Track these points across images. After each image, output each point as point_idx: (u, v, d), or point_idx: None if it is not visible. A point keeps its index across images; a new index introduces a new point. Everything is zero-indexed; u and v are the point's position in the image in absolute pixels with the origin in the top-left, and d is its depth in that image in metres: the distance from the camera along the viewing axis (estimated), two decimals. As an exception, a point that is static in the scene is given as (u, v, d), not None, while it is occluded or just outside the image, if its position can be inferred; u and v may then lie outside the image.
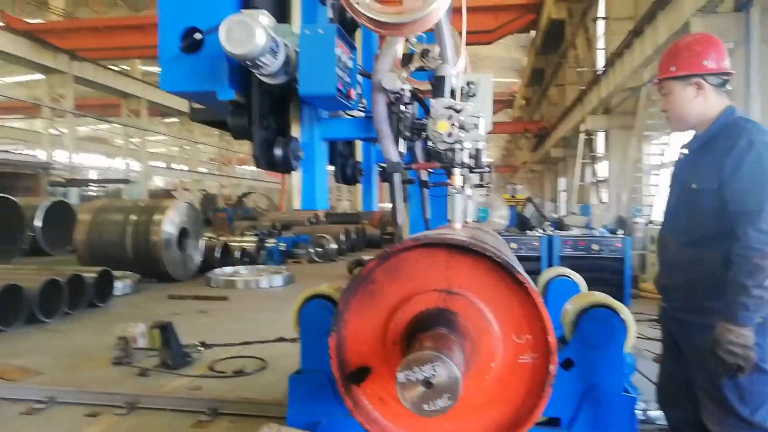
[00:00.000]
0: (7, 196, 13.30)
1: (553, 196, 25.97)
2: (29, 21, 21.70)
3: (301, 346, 2.57)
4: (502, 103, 36.79)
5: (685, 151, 2.44)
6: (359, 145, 2.87)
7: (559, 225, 17.88)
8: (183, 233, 10.74)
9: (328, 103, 1.94)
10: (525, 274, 1.78)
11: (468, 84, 2.19)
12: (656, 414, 3.46)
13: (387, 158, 2.03)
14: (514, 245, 4.87)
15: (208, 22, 1.85)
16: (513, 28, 22.73)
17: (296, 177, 2.11)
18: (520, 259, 4.84)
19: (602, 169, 17.34)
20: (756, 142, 2.09)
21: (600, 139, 17.21)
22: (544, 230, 14.98)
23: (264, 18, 1.71)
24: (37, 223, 14.58)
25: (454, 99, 2.09)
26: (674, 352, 2.46)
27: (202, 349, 5.53)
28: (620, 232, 5.07)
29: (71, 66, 21.90)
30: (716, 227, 2.16)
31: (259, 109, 1.92)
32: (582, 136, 16.96)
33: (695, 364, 2.30)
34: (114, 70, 25.16)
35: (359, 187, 3.00)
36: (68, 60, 21.67)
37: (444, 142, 1.99)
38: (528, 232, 5.90)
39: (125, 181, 25.75)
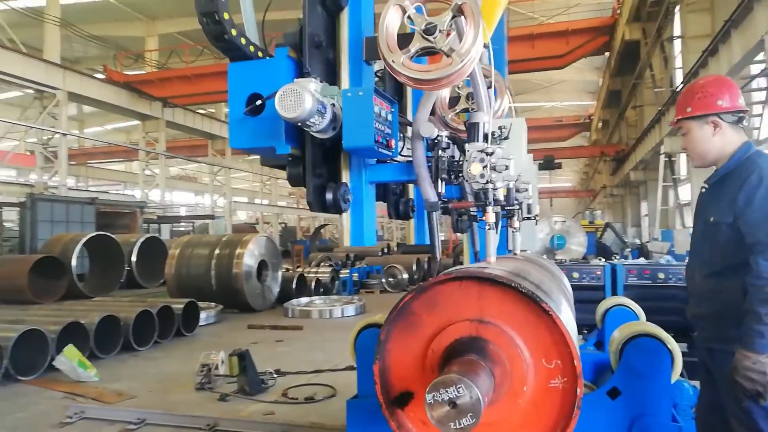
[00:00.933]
0: (107, 233, 14.53)
1: (636, 221, 24.97)
2: (128, 73, 23.89)
3: (357, 373, 2.77)
4: (578, 126, 36.03)
5: (706, 186, 2.51)
6: (411, 184, 3.10)
7: (640, 251, 17.17)
8: (262, 265, 11.33)
9: (369, 153, 2.18)
10: (552, 303, 1.91)
11: (500, 128, 2.36)
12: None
13: (425, 198, 2.24)
14: (576, 275, 4.87)
15: (268, 90, 2.15)
16: (585, 52, 22.45)
17: (346, 218, 2.35)
18: (582, 288, 4.85)
19: (685, 192, 16.60)
20: (765, 176, 2.15)
21: (682, 161, 16.52)
22: (626, 257, 14.45)
23: (313, 84, 1.99)
24: (133, 258, 15.76)
25: (487, 142, 2.28)
26: (708, 381, 2.50)
27: (276, 376, 5.85)
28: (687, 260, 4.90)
29: (164, 112, 23.82)
30: (735, 258, 2.23)
31: (312, 161, 2.19)
32: (662, 159, 16.37)
33: (726, 391, 2.32)
34: (201, 114, 27.06)
35: (413, 222, 3.22)
36: (161, 107, 23.59)
37: (477, 182, 2.17)
38: (592, 261, 5.83)
39: (211, 217, 27.32)
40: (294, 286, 12.24)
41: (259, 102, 2.10)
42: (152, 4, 25.10)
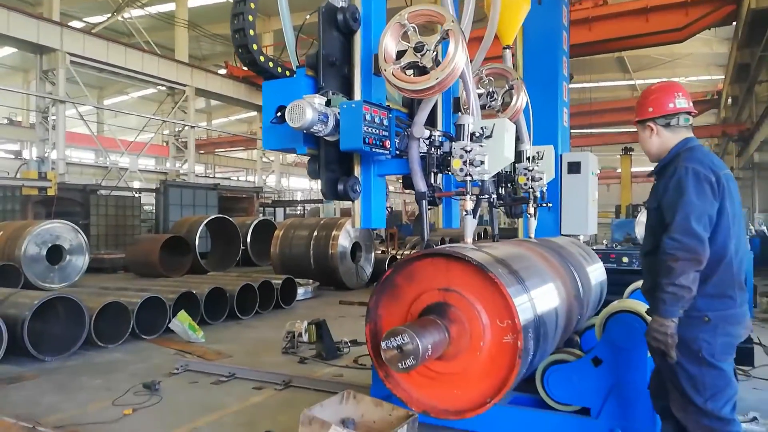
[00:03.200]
0: (225, 216, 16.12)
1: (765, 206, 22.88)
2: (246, 68, 25.87)
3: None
4: (705, 103, 33.23)
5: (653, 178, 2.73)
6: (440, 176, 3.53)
7: (763, 238, 15.87)
8: (356, 247, 12.13)
9: (365, 152, 2.66)
10: (503, 276, 2.30)
11: (482, 128, 2.73)
12: (749, 427, 3.46)
13: (416, 189, 2.68)
14: (626, 259, 4.98)
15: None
16: (708, 23, 20.73)
17: (357, 204, 2.85)
18: (629, 272, 4.94)
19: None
20: (680, 168, 2.35)
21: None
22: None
23: (317, 99, 2.50)
24: (248, 238, 17.31)
25: (472, 141, 2.67)
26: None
27: (351, 346, 6.51)
28: None
29: (278, 103, 25.51)
30: (660, 239, 2.43)
31: (325, 159, 2.72)
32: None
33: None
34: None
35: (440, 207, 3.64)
36: (275, 98, 25.28)
37: (458, 175, 2.58)
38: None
39: (321, 201, 28.90)
40: (386, 266, 12.94)
41: (279, 114, 2.65)
42: (268, 2, 26.79)
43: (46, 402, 4.94)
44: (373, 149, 2.53)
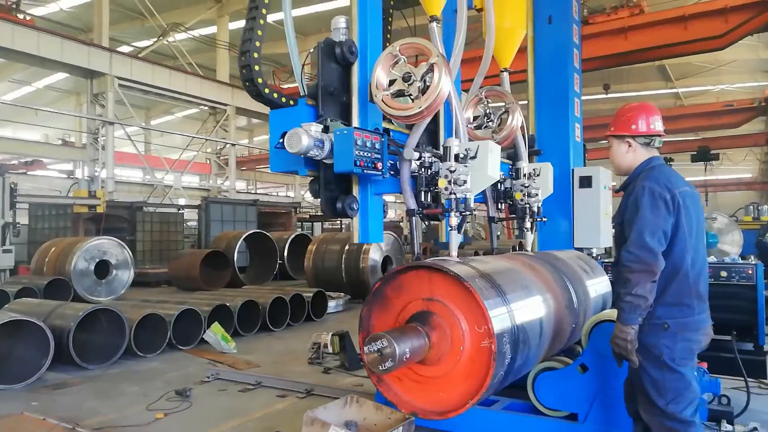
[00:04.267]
0: (262, 231, 16.62)
1: (814, 216, 21.95)
2: (284, 86, 26.61)
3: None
4: (752, 110, 32.18)
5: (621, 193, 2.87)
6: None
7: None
8: (387, 260, 12.36)
9: (358, 174, 2.89)
10: (480, 286, 2.49)
11: (467, 150, 2.93)
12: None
13: (407, 206, 2.90)
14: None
15: (294, 128, 2.95)
16: (749, 29, 20.19)
17: (355, 221, 3.09)
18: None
19: None
20: (638, 186, 2.50)
21: None
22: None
23: (314, 126, 2.76)
24: (285, 253, 17.75)
25: (458, 161, 2.87)
26: None
27: (374, 356, 6.71)
28: (752, 258, 4.75)
29: (314, 120, 26.10)
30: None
31: (324, 180, 2.97)
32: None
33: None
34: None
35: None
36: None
37: (444, 193, 2.79)
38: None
39: (358, 215, 29.27)
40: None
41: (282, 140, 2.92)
42: (304, 22, 27.59)
43: (87, 406, 5.33)
44: (365, 171, 2.76)
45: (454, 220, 2.84)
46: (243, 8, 24.43)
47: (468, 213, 2.95)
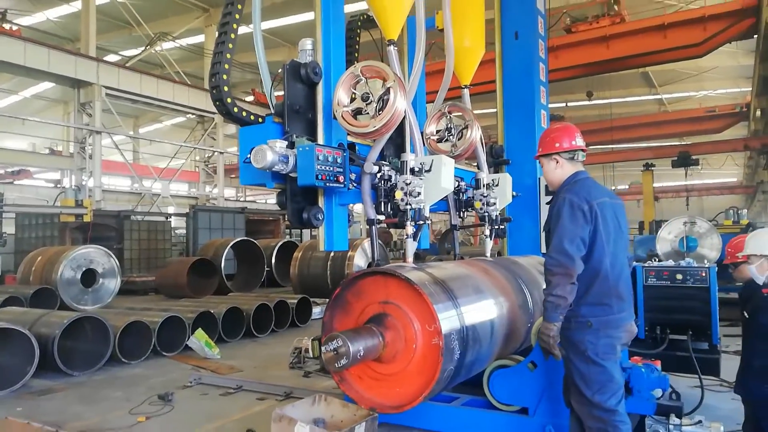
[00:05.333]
0: (249, 239, 16.76)
1: (793, 220, 22.42)
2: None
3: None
4: (734, 116, 32.75)
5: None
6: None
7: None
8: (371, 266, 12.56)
9: (320, 186, 3.10)
10: (430, 289, 2.70)
11: (421, 164, 3.15)
12: (691, 430, 3.72)
13: (367, 216, 3.12)
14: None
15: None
16: (727, 37, 20.68)
17: (321, 230, 3.30)
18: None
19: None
20: (560, 198, 2.75)
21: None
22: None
23: (279, 143, 2.97)
24: (273, 260, 17.88)
25: (413, 174, 3.09)
26: None
27: (353, 359, 6.90)
28: (705, 261, 5.00)
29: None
30: None
31: (290, 192, 3.18)
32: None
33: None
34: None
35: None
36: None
37: (400, 204, 3.01)
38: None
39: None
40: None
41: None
42: (292, 32, 27.83)
43: (71, 411, 5.48)
44: (328, 184, 2.97)
45: (410, 229, 3.05)
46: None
47: (423, 222, 3.16)
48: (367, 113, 3.03)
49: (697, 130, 30.00)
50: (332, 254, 12.55)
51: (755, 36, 22.28)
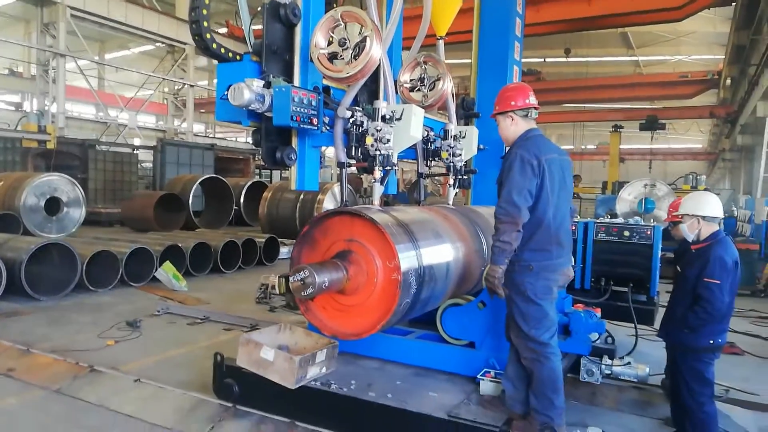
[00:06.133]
0: (218, 176, 16.68)
1: (748, 188, 23.36)
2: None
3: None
4: (705, 83, 33.31)
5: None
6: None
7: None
8: (339, 210, 12.76)
9: (296, 127, 3.22)
10: (392, 229, 2.91)
11: (392, 112, 3.29)
12: (620, 370, 4.11)
13: (337, 159, 3.27)
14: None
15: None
16: (706, 3, 20.80)
17: (292, 170, 3.44)
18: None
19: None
20: (512, 154, 2.98)
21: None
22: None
23: (256, 82, 3.06)
24: (242, 199, 17.87)
25: (384, 122, 3.24)
26: None
27: (317, 297, 7.19)
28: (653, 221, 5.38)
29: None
30: None
31: (265, 132, 3.29)
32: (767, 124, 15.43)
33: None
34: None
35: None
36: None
37: (370, 149, 3.17)
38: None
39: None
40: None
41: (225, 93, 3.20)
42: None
43: (38, 332, 5.63)
44: (302, 125, 3.09)
45: (378, 174, 3.22)
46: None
47: (390, 168, 3.33)
48: (343, 58, 3.13)
49: (668, 95, 30.47)
50: (302, 196, 12.66)
51: (733, 4, 22.52)
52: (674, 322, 3.50)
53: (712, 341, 3.30)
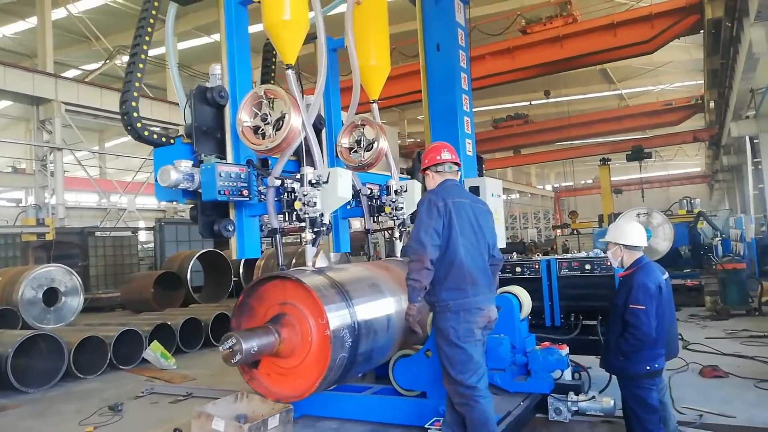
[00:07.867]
0: (215, 250, 16.87)
1: (743, 208, 23.33)
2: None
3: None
4: (690, 108, 33.78)
5: None
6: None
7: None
8: (332, 272, 12.84)
9: (226, 201, 3.38)
10: (319, 289, 3.01)
11: (318, 176, 3.46)
12: (586, 405, 4.09)
13: (270, 225, 3.42)
14: (519, 269, 5.64)
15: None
16: (674, 33, 21.40)
17: (233, 240, 3.58)
18: (524, 280, 5.59)
19: (774, 174, 15.64)
20: (424, 198, 3.15)
21: (764, 144, 15.57)
22: (716, 246, 14.02)
23: (185, 163, 3.24)
24: (241, 270, 17.98)
25: (312, 186, 3.40)
26: None
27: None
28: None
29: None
30: None
31: (201, 206, 3.45)
32: (747, 142, 15.61)
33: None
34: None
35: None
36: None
37: (299, 214, 3.32)
38: (535, 257, 6.39)
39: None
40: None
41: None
42: (256, 41, 27.91)
43: (22, 426, 5.65)
44: (231, 198, 3.25)
45: (309, 236, 3.36)
46: (192, 29, 24.67)
47: (320, 230, 3.47)
48: (263, 132, 3.32)
49: (655, 123, 30.89)
50: (294, 261, 12.79)
51: (701, 31, 23.16)
52: (610, 351, 3.53)
53: (648, 367, 3.32)
